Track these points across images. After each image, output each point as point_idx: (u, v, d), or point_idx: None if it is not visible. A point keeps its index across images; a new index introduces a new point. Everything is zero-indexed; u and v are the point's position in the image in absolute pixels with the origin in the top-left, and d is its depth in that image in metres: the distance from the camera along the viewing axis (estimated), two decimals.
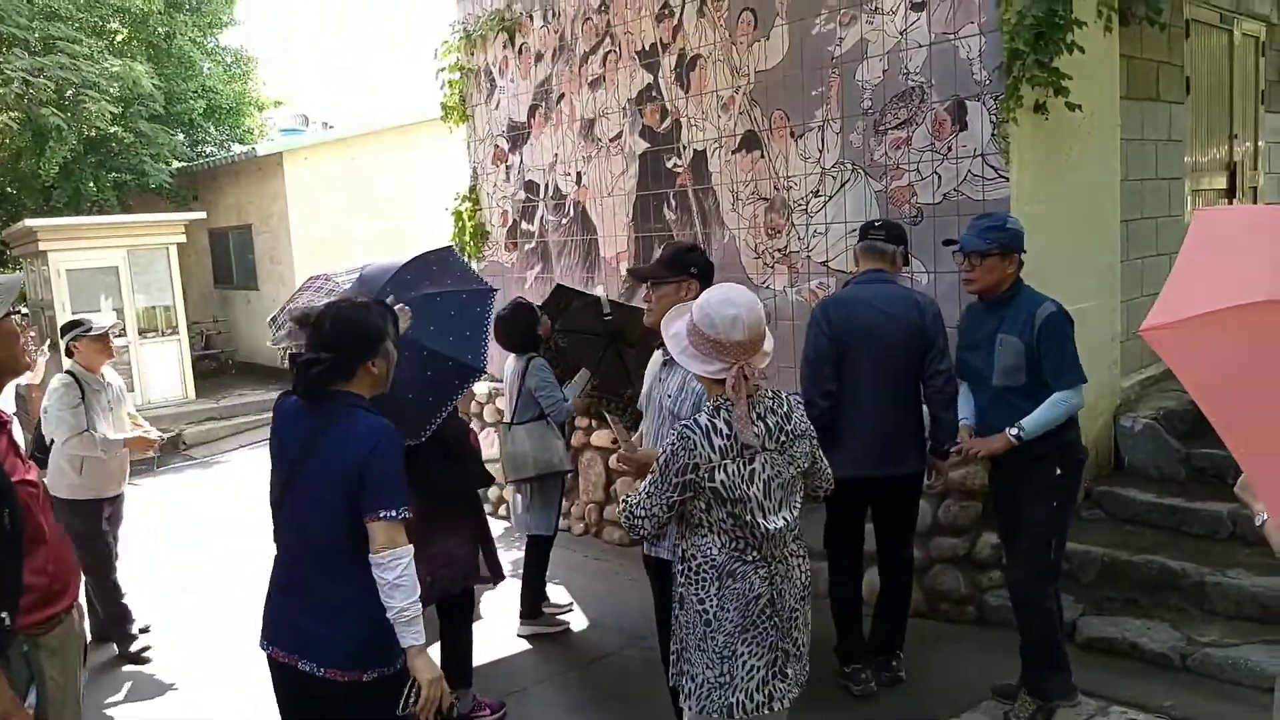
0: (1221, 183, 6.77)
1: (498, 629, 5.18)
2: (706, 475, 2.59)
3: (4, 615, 2.33)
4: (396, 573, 2.56)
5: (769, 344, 2.72)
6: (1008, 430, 3.66)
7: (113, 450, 4.94)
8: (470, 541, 4.16)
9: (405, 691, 2.59)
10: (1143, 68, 5.79)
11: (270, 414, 2.91)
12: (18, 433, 2.79)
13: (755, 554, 2.65)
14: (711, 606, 2.65)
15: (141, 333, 13.11)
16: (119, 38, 18.49)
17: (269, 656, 2.76)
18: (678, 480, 2.61)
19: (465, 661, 4.22)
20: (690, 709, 2.71)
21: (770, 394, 2.74)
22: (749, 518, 2.60)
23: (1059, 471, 3.74)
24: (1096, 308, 5.32)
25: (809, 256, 5.60)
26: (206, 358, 16.32)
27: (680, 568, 2.74)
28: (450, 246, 4.29)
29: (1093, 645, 4.43)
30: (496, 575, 4.29)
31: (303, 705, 2.76)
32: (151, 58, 18.18)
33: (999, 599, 4.79)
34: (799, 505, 2.74)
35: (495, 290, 3.98)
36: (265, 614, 2.79)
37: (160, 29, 18.51)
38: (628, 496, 2.75)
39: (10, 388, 2.81)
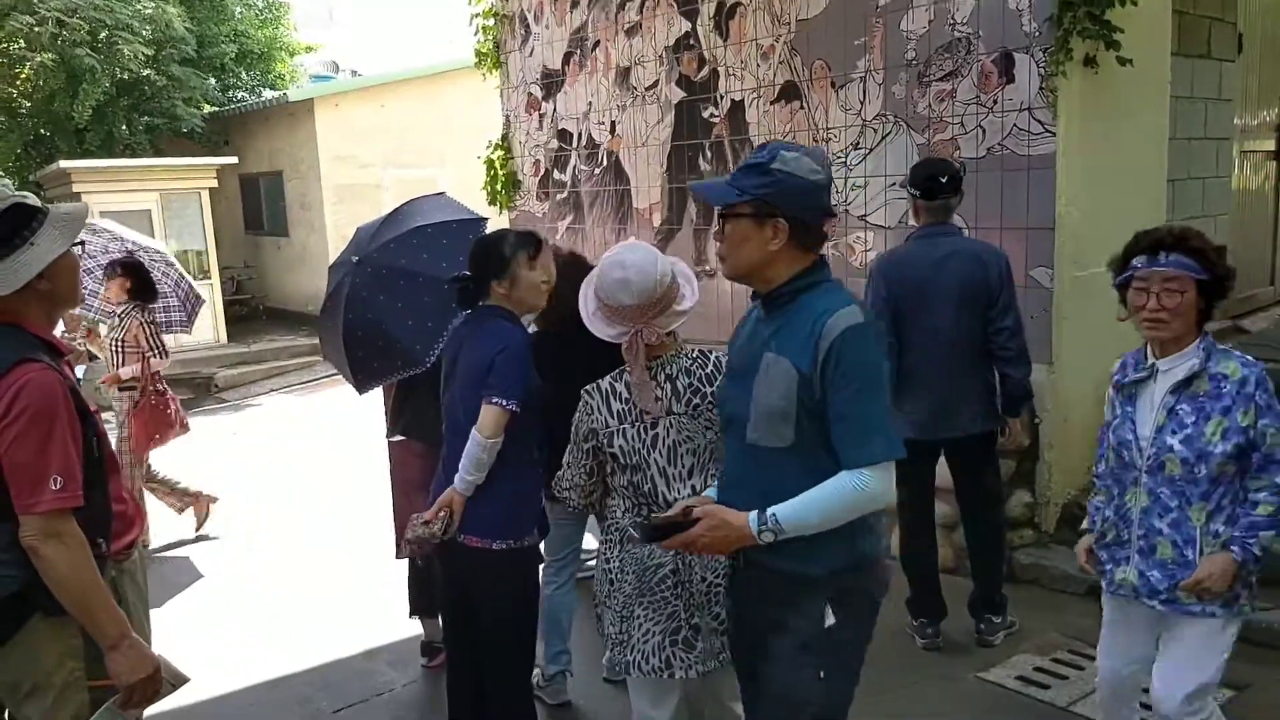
0: (1270, 145, 6.62)
1: None
2: (606, 440, 2.56)
3: (100, 541, 2.41)
4: (482, 451, 2.94)
5: (686, 302, 2.60)
6: (748, 519, 2.12)
7: None
8: None
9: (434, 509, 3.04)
10: (1195, 23, 5.64)
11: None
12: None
13: None
14: (614, 567, 2.65)
15: None
16: None
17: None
18: (586, 446, 2.62)
19: None
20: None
21: (694, 354, 2.63)
22: (648, 486, 2.55)
23: (830, 619, 2.23)
24: None
25: (847, 211, 5.53)
26: (237, 303, 16.46)
27: (602, 527, 2.74)
28: (443, 192, 4.36)
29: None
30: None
31: (453, 571, 3.19)
32: (183, 1, 18.11)
33: (1030, 557, 4.79)
34: (719, 473, 2.52)
35: (485, 219, 4.01)
36: (435, 495, 3.13)
37: None
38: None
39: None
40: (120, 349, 5.89)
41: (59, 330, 4.74)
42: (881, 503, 2.14)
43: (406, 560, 4.21)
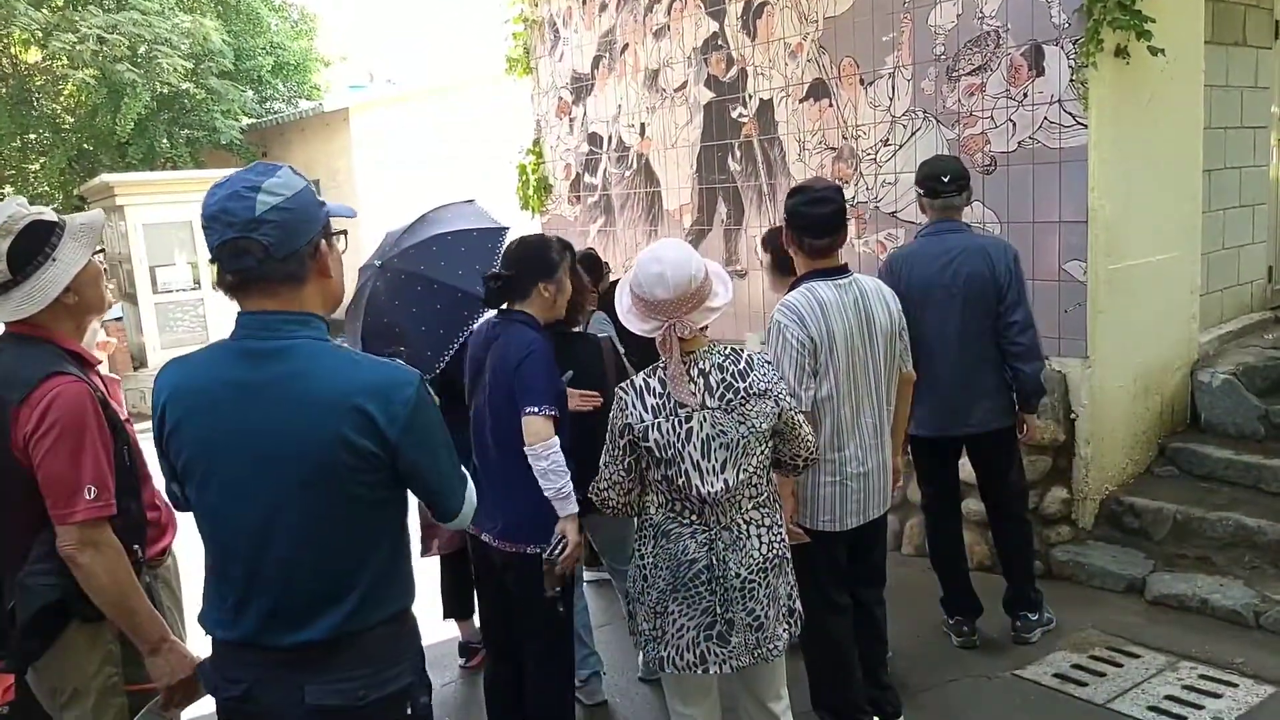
0: None
1: None
2: (641, 434, 2.57)
3: (137, 547, 2.46)
4: (546, 461, 2.97)
5: (719, 299, 2.63)
6: None
7: None
8: None
9: (553, 544, 3.02)
10: (1229, 10, 5.57)
11: None
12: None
13: (694, 517, 2.60)
14: (648, 563, 2.66)
15: (214, 286, 13.42)
16: None
17: (469, 534, 3.23)
18: (622, 441, 2.62)
19: None
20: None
21: (725, 350, 2.65)
22: (681, 480, 2.56)
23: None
24: (1176, 259, 5.18)
25: (877, 207, 5.52)
26: None
27: (637, 523, 2.75)
28: (472, 199, 4.36)
29: (1163, 601, 4.36)
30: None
31: (490, 576, 3.27)
32: (220, 14, 18.43)
33: (1066, 554, 4.74)
34: (754, 469, 2.62)
35: (507, 228, 4.02)
36: None
37: None
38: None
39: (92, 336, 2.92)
40: None
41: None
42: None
43: (439, 564, 4.26)
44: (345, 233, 2.03)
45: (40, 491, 2.28)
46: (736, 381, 2.60)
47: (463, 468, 2.06)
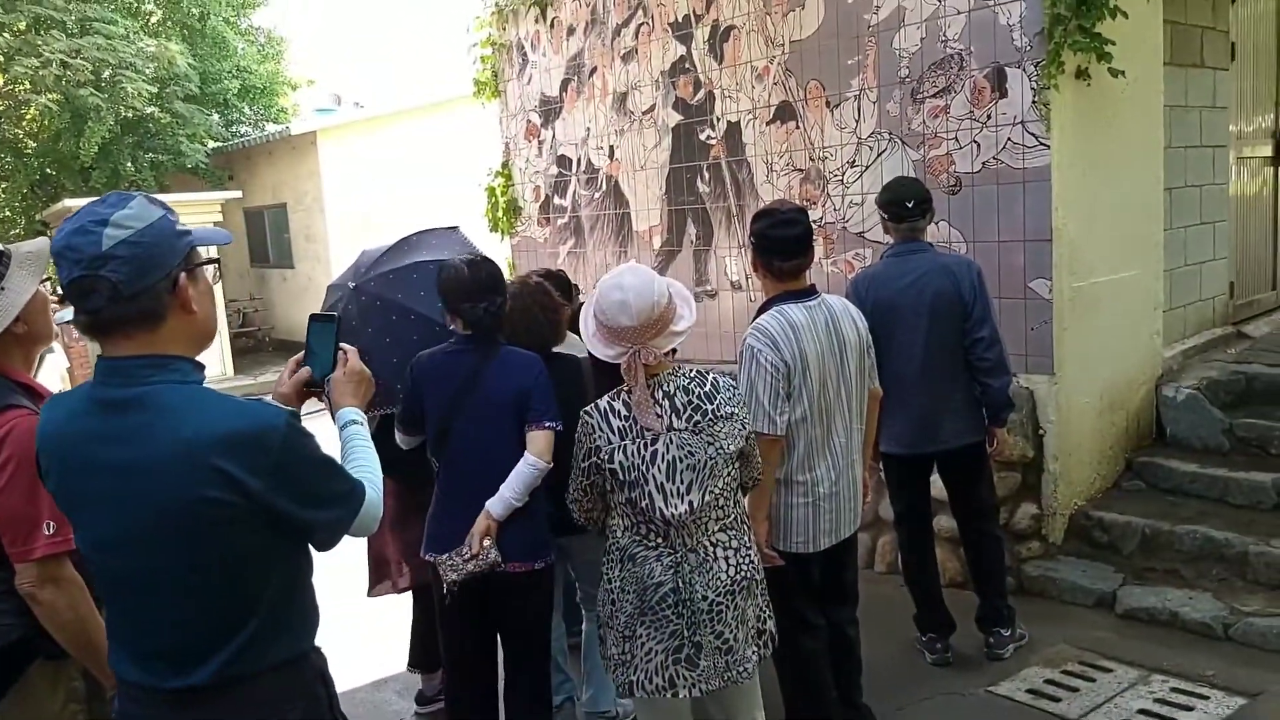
0: (1267, 150, 6.63)
1: None
2: (607, 457, 2.58)
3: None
4: (535, 474, 3.10)
5: (684, 322, 2.65)
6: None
7: None
8: None
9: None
10: (1187, 33, 5.68)
11: None
12: None
13: (660, 540, 2.60)
14: (615, 587, 2.66)
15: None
16: (154, 18, 18.67)
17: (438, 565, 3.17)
18: (584, 464, 2.64)
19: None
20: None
21: (691, 373, 2.67)
22: (645, 503, 2.56)
23: None
24: (1139, 276, 5.25)
25: (845, 228, 5.56)
26: (244, 335, 16.55)
27: (605, 546, 2.76)
28: (456, 226, 4.30)
29: (1133, 615, 4.40)
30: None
31: (483, 605, 3.22)
32: (186, 38, 18.35)
33: (1037, 569, 4.78)
34: (720, 490, 2.62)
35: (490, 261, 3.97)
36: (437, 529, 3.21)
37: (194, 9, 18.69)
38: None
39: (54, 371, 2.85)
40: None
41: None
42: None
43: (411, 604, 4.18)
44: (217, 262, 1.93)
45: None
46: (704, 404, 2.61)
47: (355, 476, 1.97)
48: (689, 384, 2.63)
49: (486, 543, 3.07)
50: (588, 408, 2.66)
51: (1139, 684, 3.88)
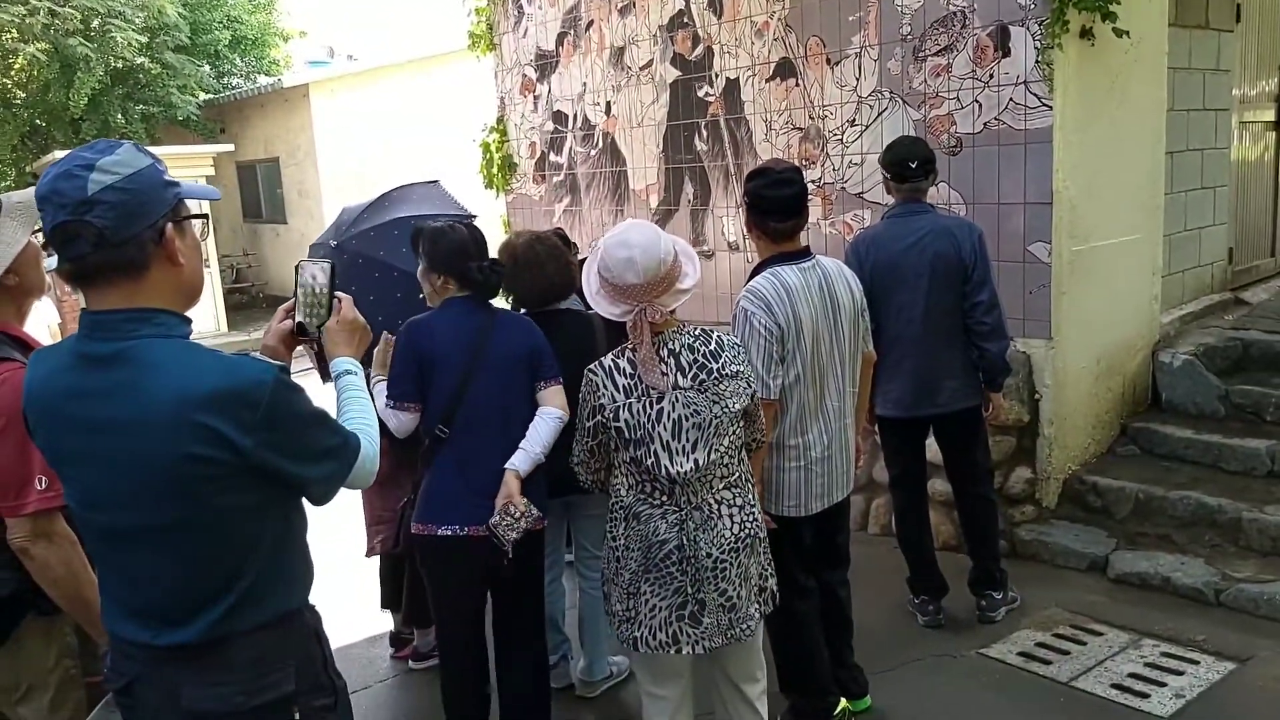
0: (1270, 115, 6.57)
1: None
2: (612, 415, 2.56)
3: None
4: (558, 426, 3.11)
5: (689, 280, 2.62)
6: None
7: None
8: None
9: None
10: None
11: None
12: None
13: (664, 498, 2.59)
14: (620, 545, 2.65)
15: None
16: None
17: (457, 537, 3.06)
18: (589, 424, 2.61)
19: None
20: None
21: (696, 331, 2.65)
22: (650, 460, 2.55)
23: None
24: (1139, 241, 5.22)
25: (844, 188, 5.51)
26: (237, 290, 16.45)
27: (609, 505, 2.74)
28: (436, 180, 4.24)
29: (1125, 579, 4.42)
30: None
31: (485, 574, 3.13)
32: None
33: (1031, 533, 4.79)
34: (725, 449, 2.61)
35: (474, 216, 3.94)
36: (449, 497, 3.08)
37: None
38: None
39: (40, 323, 2.83)
40: None
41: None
42: None
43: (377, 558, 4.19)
44: (206, 217, 1.89)
45: None
46: (709, 362, 2.60)
47: (350, 428, 1.94)
48: (694, 342, 2.62)
49: (523, 499, 3.03)
50: (592, 365, 2.63)
51: (1130, 648, 3.90)
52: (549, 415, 3.12)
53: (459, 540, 3.06)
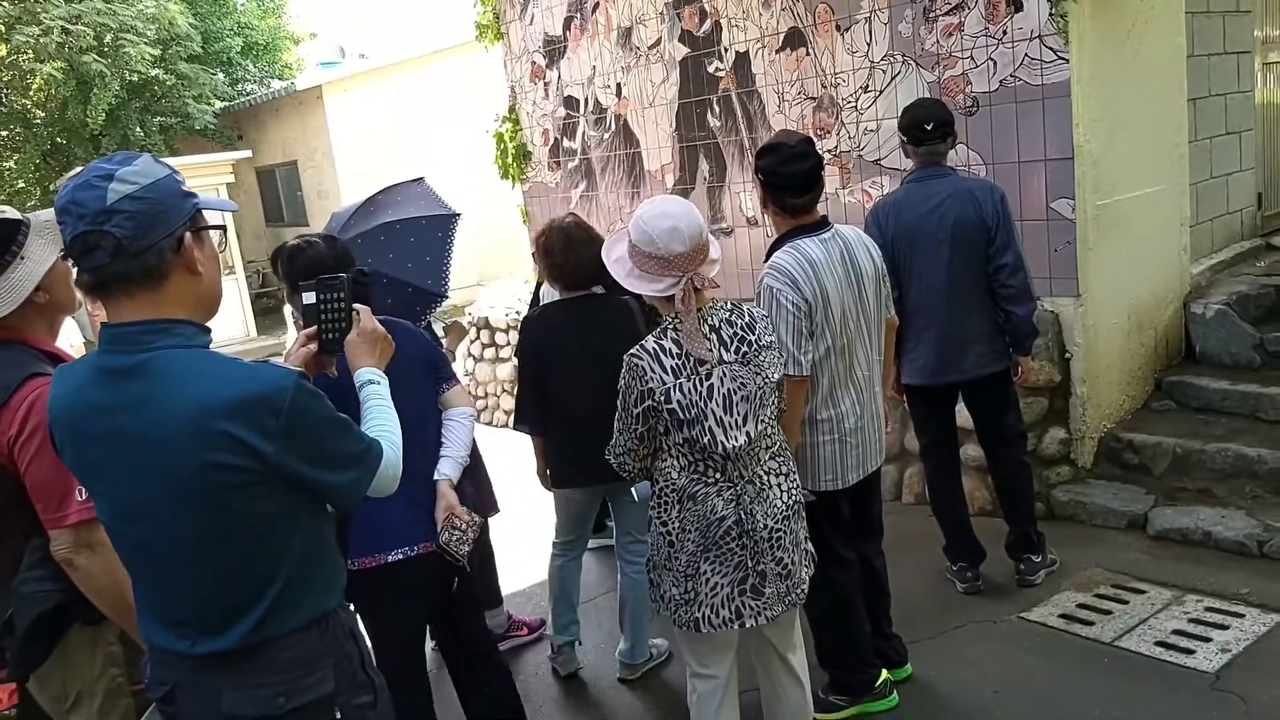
0: None
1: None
2: (663, 398, 2.53)
3: None
4: (471, 427, 3.07)
5: (715, 250, 2.62)
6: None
7: None
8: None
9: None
10: None
11: None
12: None
13: (718, 475, 2.58)
14: (674, 529, 2.63)
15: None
16: None
17: (409, 558, 2.81)
18: (637, 410, 2.57)
19: (493, 584, 4.29)
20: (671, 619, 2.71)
21: (729, 305, 2.65)
22: (706, 439, 2.53)
23: None
24: (1164, 191, 5.13)
25: (860, 156, 5.45)
26: (264, 295, 16.56)
27: (652, 490, 2.71)
28: (421, 178, 4.22)
29: (1166, 536, 4.36)
30: (490, 507, 4.07)
31: (439, 591, 2.93)
32: None
33: (1067, 494, 4.73)
34: (768, 420, 2.63)
35: (458, 215, 3.91)
36: (384, 524, 2.79)
37: None
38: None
39: (64, 341, 2.85)
40: None
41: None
42: None
43: None
44: (223, 228, 1.90)
45: (28, 497, 2.23)
46: (747, 334, 2.61)
47: (373, 435, 1.94)
48: (730, 316, 2.63)
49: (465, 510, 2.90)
50: (633, 350, 2.60)
51: (1173, 604, 3.85)
52: (463, 415, 3.01)
53: (413, 561, 2.84)
